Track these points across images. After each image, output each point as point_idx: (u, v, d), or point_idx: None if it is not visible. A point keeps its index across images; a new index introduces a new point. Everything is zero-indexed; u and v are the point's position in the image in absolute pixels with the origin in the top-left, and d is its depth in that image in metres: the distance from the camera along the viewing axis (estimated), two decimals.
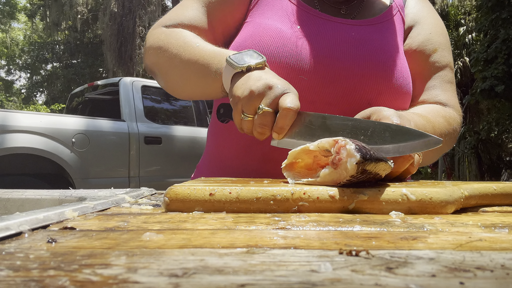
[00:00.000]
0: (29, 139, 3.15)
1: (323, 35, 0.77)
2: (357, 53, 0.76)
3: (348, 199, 0.39)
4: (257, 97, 0.59)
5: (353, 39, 0.77)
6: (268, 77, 0.61)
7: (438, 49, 0.85)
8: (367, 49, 0.77)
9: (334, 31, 0.78)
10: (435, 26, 0.88)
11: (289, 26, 0.76)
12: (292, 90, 0.60)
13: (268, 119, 0.59)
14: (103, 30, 14.86)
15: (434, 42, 0.85)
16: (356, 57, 0.75)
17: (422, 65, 0.84)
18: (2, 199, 0.58)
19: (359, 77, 0.74)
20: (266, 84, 0.60)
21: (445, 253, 0.23)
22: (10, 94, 22.73)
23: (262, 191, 0.40)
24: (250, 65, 0.63)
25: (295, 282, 0.18)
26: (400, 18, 0.86)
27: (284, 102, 0.58)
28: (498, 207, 0.45)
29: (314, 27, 0.77)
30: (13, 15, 21.65)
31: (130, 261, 0.22)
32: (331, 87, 0.74)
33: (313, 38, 0.75)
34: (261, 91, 0.59)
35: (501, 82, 8.14)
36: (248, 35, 0.76)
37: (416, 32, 0.86)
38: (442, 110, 0.80)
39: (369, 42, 0.78)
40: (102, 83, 4.46)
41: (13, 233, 0.29)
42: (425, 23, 0.87)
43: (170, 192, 0.41)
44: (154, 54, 0.79)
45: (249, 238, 0.28)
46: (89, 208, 0.42)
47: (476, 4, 9.73)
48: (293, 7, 0.79)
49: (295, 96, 0.59)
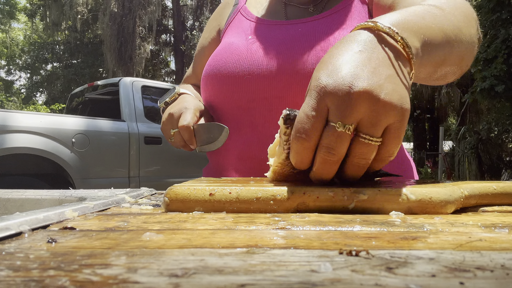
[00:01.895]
0: (29, 139, 3.15)
1: (270, 37, 0.81)
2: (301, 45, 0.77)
3: (348, 199, 0.39)
4: (167, 124, 0.78)
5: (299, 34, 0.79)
6: (172, 106, 0.79)
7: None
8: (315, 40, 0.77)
9: (283, 31, 0.81)
10: None
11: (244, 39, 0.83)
12: (188, 108, 0.76)
13: (179, 137, 0.76)
14: (103, 30, 14.86)
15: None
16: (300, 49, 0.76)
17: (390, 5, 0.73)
18: (2, 199, 0.58)
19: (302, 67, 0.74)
20: (168, 113, 0.78)
21: (445, 253, 0.23)
22: (10, 94, 22.73)
23: (262, 191, 0.40)
24: (166, 101, 0.83)
25: (295, 282, 0.18)
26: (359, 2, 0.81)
27: (179, 123, 0.74)
28: (498, 207, 0.45)
29: (265, 33, 0.82)
30: (13, 14, 21.64)
31: (130, 261, 0.22)
32: (277, 81, 0.76)
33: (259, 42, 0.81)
34: (168, 120, 0.78)
35: (501, 82, 8.14)
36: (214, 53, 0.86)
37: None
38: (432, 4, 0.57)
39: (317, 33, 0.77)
40: (102, 83, 4.46)
41: (13, 233, 0.29)
42: None
43: (170, 192, 0.42)
44: None
45: (249, 238, 0.28)
46: (89, 208, 0.42)
47: (476, 4, 9.72)
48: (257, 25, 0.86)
49: (189, 113, 0.75)
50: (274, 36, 0.81)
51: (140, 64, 14.51)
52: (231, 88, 0.79)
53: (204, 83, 0.84)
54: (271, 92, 0.77)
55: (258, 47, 0.80)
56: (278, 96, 0.77)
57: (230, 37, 0.87)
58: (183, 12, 15.93)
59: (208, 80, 0.82)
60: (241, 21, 0.90)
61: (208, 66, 0.84)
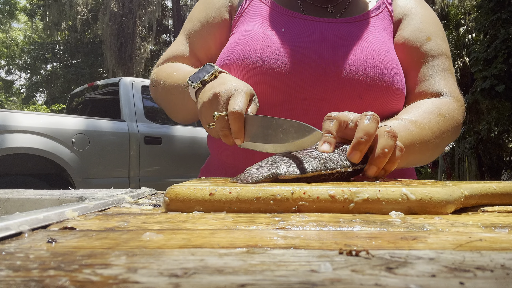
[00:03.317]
0: (29, 139, 3.14)
1: (308, 33, 0.78)
2: (343, 47, 0.76)
3: (348, 199, 0.39)
4: (209, 107, 0.65)
5: (339, 35, 0.78)
6: (216, 85, 0.66)
7: (432, 37, 0.83)
8: (353, 43, 0.76)
9: (319, 29, 0.79)
10: (426, 16, 0.86)
11: (274, 30, 0.78)
12: (239, 91, 0.63)
13: (223, 123, 0.63)
14: (103, 30, 14.86)
15: (426, 30, 0.83)
16: (343, 52, 0.75)
17: (415, 55, 0.82)
18: (2, 199, 0.58)
19: (347, 71, 0.74)
20: (213, 93, 0.64)
21: (445, 253, 0.23)
22: (10, 94, 22.73)
23: (262, 191, 0.40)
24: (204, 80, 0.69)
25: (295, 282, 0.18)
26: (387, 13, 0.85)
27: (229, 107, 0.62)
28: (498, 207, 0.45)
29: (298, 28, 0.79)
30: (13, 14, 21.65)
31: (130, 261, 0.22)
32: (321, 83, 0.74)
33: (298, 38, 0.77)
34: (211, 101, 0.64)
35: (501, 82, 8.14)
36: (235, 42, 0.79)
37: (406, 23, 0.85)
38: (434, 106, 0.76)
39: (355, 37, 0.78)
40: (102, 83, 4.46)
41: (13, 233, 0.29)
42: (415, 14, 0.85)
43: (170, 192, 0.41)
44: (152, 90, 0.91)
45: (249, 238, 0.28)
46: (89, 208, 0.42)
47: (476, 4, 9.72)
48: (276, 13, 0.82)
49: (241, 97, 0.62)
50: (311, 33, 0.78)
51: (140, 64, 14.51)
52: (269, 84, 0.74)
53: (233, 73, 0.76)
54: (312, 94, 0.74)
55: (299, 44, 0.76)
56: (319, 98, 0.75)
57: (256, 25, 0.81)
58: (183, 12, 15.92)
59: (240, 71, 0.75)
60: (260, 8, 0.83)
61: (236, 55, 0.77)
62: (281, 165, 0.50)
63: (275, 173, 0.49)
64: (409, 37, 0.83)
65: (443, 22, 15.27)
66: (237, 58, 0.76)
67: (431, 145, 0.73)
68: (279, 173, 0.49)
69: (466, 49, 13.35)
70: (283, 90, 0.74)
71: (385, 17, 0.85)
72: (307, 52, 0.75)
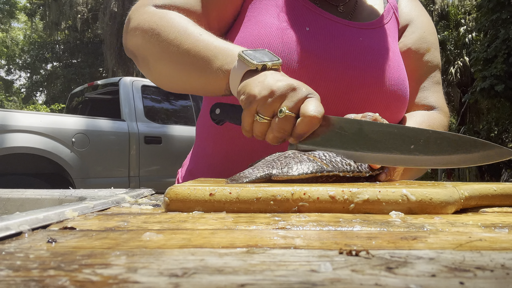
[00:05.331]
0: (29, 139, 3.15)
1: (333, 39, 0.74)
2: (367, 60, 0.76)
3: (348, 199, 0.39)
4: (279, 98, 0.54)
5: (362, 45, 0.77)
6: (289, 79, 0.57)
7: (431, 48, 0.86)
8: (376, 56, 0.77)
9: (343, 35, 0.76)
10: (428, 25, 0.88)
11: (296, 27, 0.72)
12: (315, 95, 0.56)
13: (289, 124, 0.54)
14: (103, 29, 14.86)
15: (428, 41, 0.86)
16: (367, 65, 0.75)
17: (415, 64, 0.84)
18: (2, 199, 0.58)
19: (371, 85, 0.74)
20: (289, 85, 0.55)
21: (445, 253, 0.23)
22: (10, 94, 22.73)
23: (262, 191, 0.40)
24: (266, 64, 0.59)
25: (295, 282, 0.18)
26: (395, 20, 0.87)
27: (308, 108, 0.53)
28: (498, 208, 0.45)
29: (322, 29, 0.74)
30: (13, 14, 21.64)
31: (130, 261, 0.22)
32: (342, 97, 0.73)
33: (324, 44, 0.72)
34: (283, 92, 0.54)
35: (501, 82, 8.14)
36: (255, 35, 0.71)
37: (411, 31, 0.86)
38: (428, 119, 0.80)
39: (376, 48, 0.78)
40: (102, 83, 4.46)
41: (13, 233, 0.29)
42: (418, 21, 0.87)
43: (170, 192, 0.41)
44: (141, 37, 0.71)
45: (249, 238, 0.28)
46: (89, 208, 0.42)
47: (476, 4, 9.71)
48: (294, 4, 0.75)
49: (319, 102, 0.55)
50: (336, 39, 0.74)
51: None
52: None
53: None
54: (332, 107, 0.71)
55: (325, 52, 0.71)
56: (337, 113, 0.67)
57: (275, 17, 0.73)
58: None
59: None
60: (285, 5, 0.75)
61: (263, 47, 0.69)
62: (276, 166, 0.49)
63: (269, 173, 0.48)
64: (412, 46, 0.85)
65: (443, 22, 15.27)
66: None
67: None
68: (273, 173, 0.48)
69: (466, 49, 13.35)
70: None
71: (393, 24, 0.86)
72: (331, 62, 0.71)
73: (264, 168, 0.50)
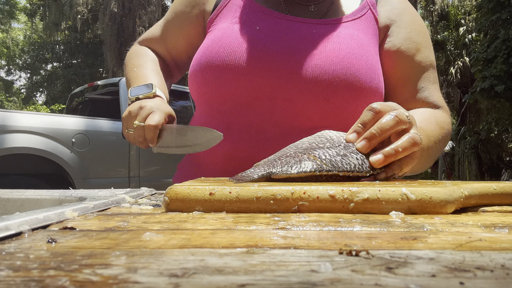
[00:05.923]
0: (29, 139, 3.14)
1: (281, 33, 0.78)
2: (314, 49, 0.76)
3: (348, 198, 0.39)
4: (133, 116, 0.77)
5: (312, 36, 0.78)
6: (144, 102, 0.78)
7: (421, 48, 0.83)
8: (325, 46, 0.76)
9: (294, 29, 0.78)
10: (414, 24, 0.85)
11: (249, 29, 0.79)
12: (160, 110, 0.76)
13: (140, 132, 0.75)
14: (103, 30, 14.86)
15: (415, 41, 0.83)
16: (313, 54, 0.75)
17: (407, 66, 0.83)
18: (2, 199, 0.58)
19: (313, 73, 0.74)
20: (139, 106, 0.77)
21: (445, 253, 0.23)
22: (10, 94, 22.73)
23: (262, 191, 0.40)
24: (138, 97, 0.80)
25: (295, 282, 0.18)
26: (371, 16, 0.84)
27: (147, 120, 0.74)
28: (498, 207, 0.45)
29: (273, 27, 0.79)
30: (13, 14, 21.64)
31: (130, 261, 0.22)
32: (286, 84, 0.74)
33: (270, 37, 0.77)
34: (135, 111, 0.77)
35: (501, 82, 8.15)
36: (210, 40, 0.81)
37: (396, 31, 0.84)
38: (434, 116, 0.79)
39: (328, 39, 0.77)
40: (102, 83, 4.46)
41: (13, 233, 0.29)
42: (403, 21, 0.85)
43: (170, 192, 0.42)
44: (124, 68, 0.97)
45: (249, 238, 0.28)
46: (89, 208, 0.42)
47: (476, 4, 9.72)
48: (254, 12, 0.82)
49: (160, 114, 0.75)
50: (284, 33, 0.78)
51: None
52: (235, 82, 0.75)
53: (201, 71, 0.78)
54: (278, 94, 0.75)
55: (270, 44, 0.76)
56: (284, 98, 0.75)
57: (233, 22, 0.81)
58: None
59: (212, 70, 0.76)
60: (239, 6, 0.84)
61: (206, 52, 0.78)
62: (277, 165, 0.51)
63: (269, 172, 0.49)
64: (400, 46, 0.83)
65: (443, 22, 15.27)
66: (210, 57, 0.77)
67: (432, 152, 0.75)
68: (273, 172, 0.49)
69: (466, 49, 13.35)
70: (249, 89, 0.75)
71: (368, 19, 0.83)
72: (276, 52, 0.75)
73: (265, 167, 0.51)
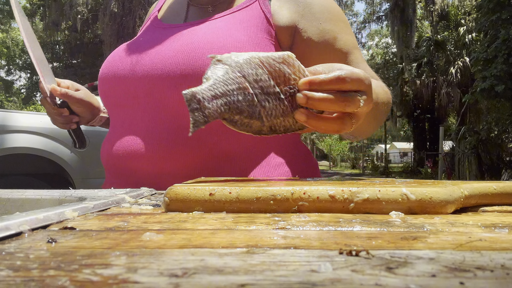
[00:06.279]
0: (29, 139, 3.14)
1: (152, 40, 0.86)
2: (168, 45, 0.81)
3: (348, 199, 0.39)
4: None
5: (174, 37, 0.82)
6: None
7: (337, 35, 0.82)
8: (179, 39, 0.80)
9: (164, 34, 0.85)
10: (322, 13, 0.83)
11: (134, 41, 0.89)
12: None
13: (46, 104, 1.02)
14: (103, 30, 14.86)
15: (329, 30, 0.82)
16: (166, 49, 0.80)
17: (328, 56, 0.82)
18: (2, 199, 0.58)
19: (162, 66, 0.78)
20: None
21: (445, 253, 0.23)
22: (10, 94, 22.73)
23: (262, 191, 0.40)
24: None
25: (295, 282, 0.18)
26: (257, 8, 0.83)
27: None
28: (498, 206, 0.45)
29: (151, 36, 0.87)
30: (13, 14, 21.63)
31: (130, 261, 0.22)
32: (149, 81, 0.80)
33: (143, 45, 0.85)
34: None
35: (501, 82, 8.15)
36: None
37: (305, 28, 0.81)
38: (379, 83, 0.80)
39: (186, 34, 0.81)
40: None
41: (13, 233, 0.29)
42: (310, 14, 0.82)
43: (170, 192, 0.42)
44: None
45: (249, 238, 0.28)
46: (89, 208, 0.42)
47: (476, 4, 9.72)
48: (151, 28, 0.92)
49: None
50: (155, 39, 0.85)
51: None
52: (111, 87, 0.86)
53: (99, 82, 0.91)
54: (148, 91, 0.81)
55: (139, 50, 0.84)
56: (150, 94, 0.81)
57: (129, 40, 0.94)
58: None
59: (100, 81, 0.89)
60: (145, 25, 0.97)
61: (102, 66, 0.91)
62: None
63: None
64: (315, 40, 0.81)
65: (443, 23, 15.27)
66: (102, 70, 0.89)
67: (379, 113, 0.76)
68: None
69: (466, 49, 13.35)
70: (126, 92, 0.83)
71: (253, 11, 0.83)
72: (140, 56, 0.83)
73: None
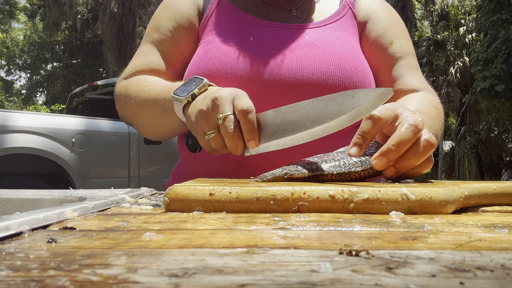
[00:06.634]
0: (29, 139, 3.14)
1: (276, 42, 0.79)
2: (312, 55, 0.77)
3: (348, 199, 0.39)
4: (210, 112, 0.59)
5: (307, 42, 0.79)
6: (211, 93, 0.62)
7: (395, 40, 0.86)
8: (322, 50, 0.78)
9: (287, 37, 0.80)
10: (388, 18, 0.89)
11: (242, 40, 0.78)
12: (240, 92, 0.61)
13: (231, 122, 0.57)
14: (103, 30, 14.86)
15: (389, 34, 0.86)
16: (312, 59, 0.77)
17: (382, 58, 0.85)
18: (2, 199, 0.58)
19: (317, 78, 0.75)
20: (212, 97, 0.60)
21: (445, 253, 0.23)
22: (10, 94, 22.74)
23: (262, 191, 0.40)
24: (194, 93, 0.65)
25: (295, 282, 0.18)
26: (351, 15, 0.87)
27: (238, 105, 0.57)
28: (498, 206, 0.45)
29: (266, 36, 0.80)
30: (13, 14, 21.65)
31: (130, 261, 0.22)
32: (291, 91, 0.75)
33: (267, 47, 0.78)
34: (210, 106, 0.59)
35: (501, 82, 8.15)
36: (203, 54, 0.79)
37: (370, 28, 0.87)
38: (428, 99, 0.80)
39: (323, 43, 0.79)
40: (102, 83, 4.46)
41: (13, 233, 0.29)
42: (377, 17, 0.88)
43: (170, 192, 0.42)
44: (119, 105, 0.85)
45: (249, 238, 0.28)
46: (89, 208, 0.42)
47: (476, 4, 9.72)
48: (242, 21, 0.82)
49: (247, 97, 0.59)
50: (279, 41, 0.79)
51: None
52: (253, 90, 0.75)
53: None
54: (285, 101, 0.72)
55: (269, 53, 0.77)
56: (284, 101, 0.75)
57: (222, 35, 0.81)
58: None
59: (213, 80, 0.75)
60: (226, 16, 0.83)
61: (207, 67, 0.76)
62: (293, 165, 0.53)
63: (286, 172, 0.51)
64: (374, 42, 0.86)
65: (443, 22, 15.27)
66: (208, 70, 0.75)
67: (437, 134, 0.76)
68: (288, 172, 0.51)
69: (466, 49, 13.35)
70: (257, 99, 0.71)
71: (349, 19, 0.87)
72: (276, 61, 0.76)
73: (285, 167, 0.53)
